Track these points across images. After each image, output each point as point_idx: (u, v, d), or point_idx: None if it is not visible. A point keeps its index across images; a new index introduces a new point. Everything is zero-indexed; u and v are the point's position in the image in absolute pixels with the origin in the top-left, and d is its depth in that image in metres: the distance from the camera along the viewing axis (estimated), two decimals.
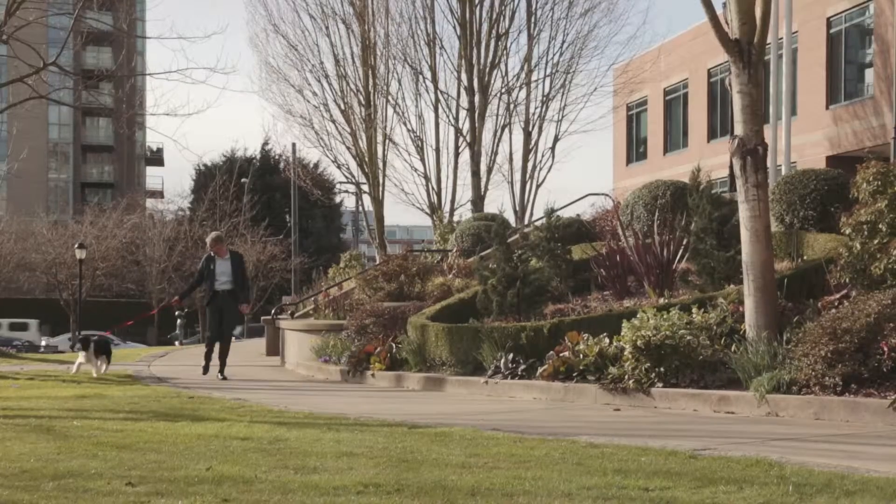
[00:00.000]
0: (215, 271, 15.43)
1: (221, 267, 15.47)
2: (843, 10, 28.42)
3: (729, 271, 12.06)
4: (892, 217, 9.40)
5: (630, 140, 41.17)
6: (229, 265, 15.50)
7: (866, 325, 8.50)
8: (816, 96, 29.19)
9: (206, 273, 15.61)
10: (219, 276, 15.41)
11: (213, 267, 15.45)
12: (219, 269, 15.45)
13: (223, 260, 15.54)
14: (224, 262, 15.52)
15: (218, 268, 15.44)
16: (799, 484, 4.81)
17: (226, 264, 15.49)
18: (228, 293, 15.34)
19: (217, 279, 15.41)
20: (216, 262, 15.48)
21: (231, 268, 15.46)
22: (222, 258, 15.55)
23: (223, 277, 15.42)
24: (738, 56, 10.15)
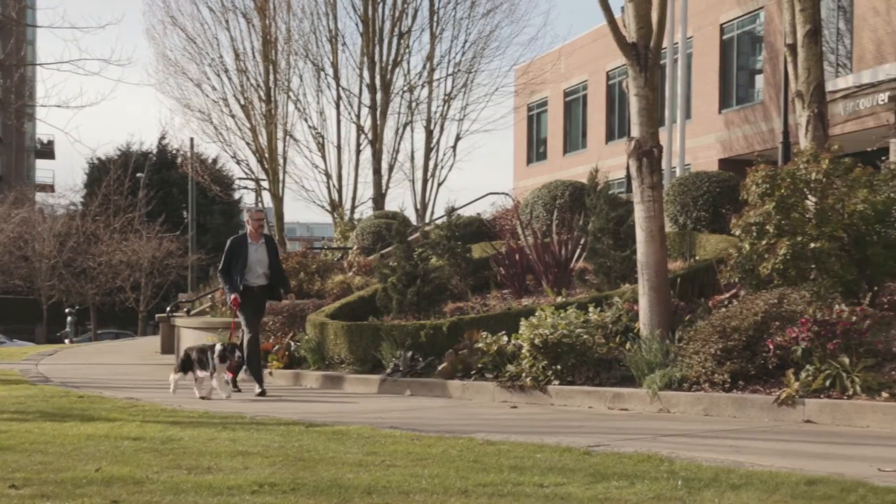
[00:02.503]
0: (249, 260, 11.96)
1: (257, 254, 12.01)
2: (735, 18, 29.24)
3: (625, 271, 12.29)
4: (780, 219, 9.69)
5: (530, 140, 41.62)
6: (265, 252, 12.07)
7: (754, 323, 8.76)
8: (710, 100, 29.98)
9: (237, 261, 11.94)
10: (253, 265, 11.96)
11: (247, 253, 11.98)
12: (254, 256, 11.98)
13: (258, 245, 12.05)
14: (259, 247, 12.05)
15: (253, 255, 11.98)
16: (688, 478, 4.93)
17: (262, 251, 12.04)
18: (263, 290, 12.08)
19: (251, 270, 11.95)
20: (249, 248, 12.01)
21: (267, 257, 12.09)
22: (257, 242, 12.07)
23: (259, 269, 12.00)
24: (635, 59, 10.34)
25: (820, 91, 11.41)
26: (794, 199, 9.81)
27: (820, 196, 9.78)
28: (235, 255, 11.96)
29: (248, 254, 11.94)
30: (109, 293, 51.17)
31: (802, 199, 9.89)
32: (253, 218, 12.21)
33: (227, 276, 11.98)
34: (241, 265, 11.91)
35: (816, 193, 9.80)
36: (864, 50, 24.19)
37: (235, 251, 11.98)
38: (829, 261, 9.59)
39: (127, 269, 50.60)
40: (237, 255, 11.95)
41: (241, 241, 12.09)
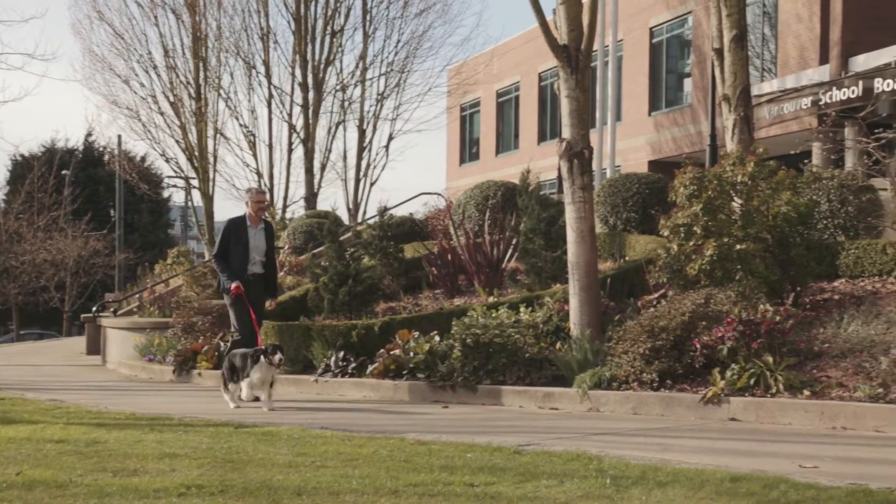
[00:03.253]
0: (250, 245, 10.77)
1: (257, 240, 10.82)
2: (664, 21, 29.68)
3: (556, 271, 12.38)
4: (707, 220, 9.85)
5: (463, 140, 41.74)
6: (264, 239, 10.92)
7: (681, 323, 8.89)
8: (640, 103, 30.38)
9: (236, 246, 10.74)
10: (253, 252, 10.78)
11: (247, 238, 10.78)
12: (253, 241, 10.78)
13: (257, 230, 10.85)
14: (259, 232, 10.86)
15: (252, 240, 10.78)
16: (616, 476, 4.99)
17: (261, 237, 10.87)
18: (259, 280, 10.84)
19: (251, 257, 10.77)
20: (250, 232, 10.81)
21: (265, 243, 10.95)
22: (256, 227, 10.87)
23: (257, 256, 10.82)
24: (566, 61, 10.42)
25: (746, 95, 11.63)
26: (721, 201, 9.99)
27: (745, 198, 9.97)
28: (234, 239, 10.70)
29: (248, 238, 10.71)
30: (33, 293, 50.04)
31: (729, 200, 10.07)
32: (254, 199, 10.89)
33: (225, 261, 10.72)
34: (241, 251, 10.67)
35: (742, 195, 9.99)
36: (788, 55, 24.73)
37: (234, 234, 10.72)
38: (754, 262, 9.78)
39: (51, 269, 49.53)
40: (236, 239, 10.69)
41: (240, 223, 10.79)
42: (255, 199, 10.92)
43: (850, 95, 21.33)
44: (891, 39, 20.54)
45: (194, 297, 17.60)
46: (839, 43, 22.86)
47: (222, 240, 10.82)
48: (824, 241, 10.83)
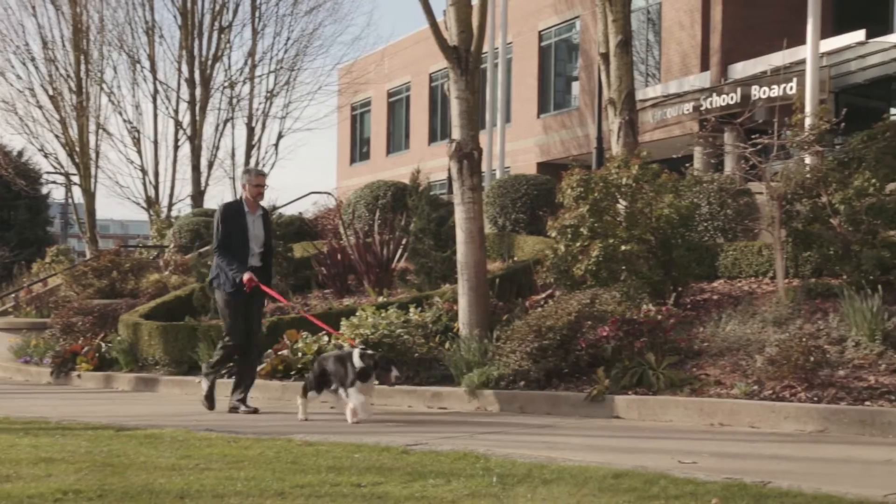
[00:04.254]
0: (249, 234, 9.35)
1: (255, 228, 9.41)
2: (552, 25, 30.14)
3: (445, 271, 12.44)
4: (593, 221, 10.04)
5: (354, 140, 41.58)
6: (262, 228, 9.49)
7: (568, 323, 9.03)
8: (529, 105, 30.77)
9: (234, 235, 9.29)
10: (252, 242, 9.36)
11: (246, 226, 9.35)
12: (252, 229, 9.38)
13: (256, 217, 9.44)
14: (257, 220, 9.44)
15: (251, 228, 9.38)
16: (503, 475, 5.03)
17: (259, 225, 9.45)
18: (258, 274, 9.30)
19: (250, 249, 9.35)
20: (248, 219, 9.38)
21: (264, 234, 9.52)
22: (255, 214, 9.45)
23: (256, 247, 9.39)
24: (456, 62, 10.48)
25: (631, 99, 11.89)
26: (607, 203, 10.19)
27: (630, 200, 10.20)
28: (231, 227, 9.29)
29: (247, 226, 9.33)
30: None
31: (614, 202, 10.28)
32: (252, 182, 9.45)
33: (229, 252, 9.24)
34: (240, 241, 9.26)
35: (627, 197, 10.21)
36: (671, 61, 25.40)
37: (231, 221, 9.29)
38: (638, 262, 10.01)
39: None
40: (234, 228, 9.28)
41: (236, 208, 9.39)
42: (253, 181, 9.46)
43: (729, 102, 22.04)
44: (766, 48, 21.29)
45: (74, 297, 17.09)
46: (719, 51, 23.60)
47: (222, 228, 9.27)
48: (704, 243, 11.16)
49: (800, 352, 7.58)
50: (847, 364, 7.87)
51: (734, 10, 23.61)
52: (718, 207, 12.03)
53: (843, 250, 9.50)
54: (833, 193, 9.64)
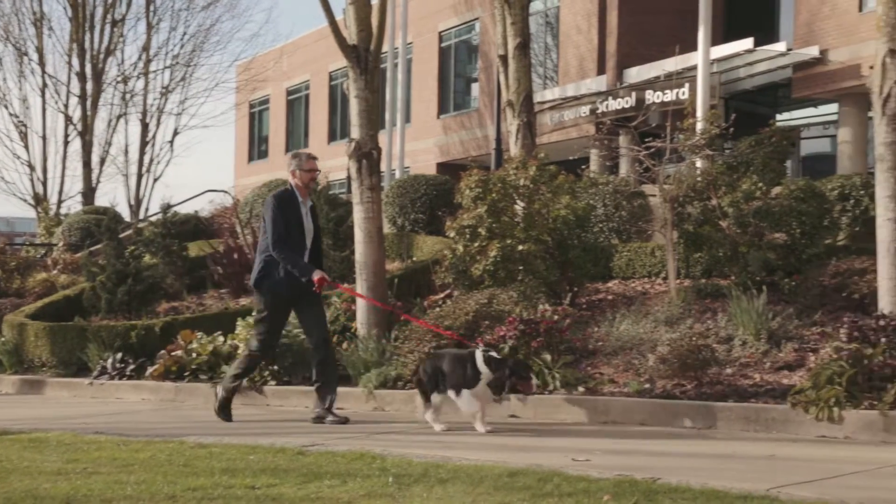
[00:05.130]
0: (304, 227, 8.29)
1: (308, 220, 8.33)
2: (452, 27, 30.28)
3: (344, 271, 12.38)
4: (491, 222, 10.11)
5: (252, 138, 41.07)
6: (312, 219, 8.41)
7: (465, 322, 9.08)
8: (429, 105, 30.85)
9: (290, 228, 8.17)
10: (306, 235, 8.30)
11: (301, 217, 8.27)
12: (306, 222, 8.31)
13: (307, 207, 8.37)
14: (308, 210, 8.36)
15: (306, 221, 8.31)
16: (399, 475, 5.03)
17: (310, 216, 8.37)
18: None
19: (305, 243, 8.28)
20: (301, 210, 8.29)
21: (313, 227, 8.41)
22: (306, 203, 8.37)
23: (308, 241, 8.32)
24: (355, 61, 10.44)
25: (529, 101, 12.02)
26: (505, 204, 10.28)
27: (528, 201, 10.31)
28: (287, 219, 8.11)
29: (301, 218, 8.23)
30: None
31: (512, 203, 10.38)
32: (304, 168, 8.29)
33: (289, 249, 8.10)
34: (296, 234, 8.15)
35: (524, 198, 10.32)
36: (568, 65, 25.79)
37: (287, 212, 8.12)
38: (535, 262, 10.12)
39: None
40: (290, 220, 8.13)
41: (290, 198, 8.22)
42: (305, 166, 8.32)
43: (624, 105, 22.48)
44: (660, 54, 21.78)
45: None
46: (615, 55, 24.05)
47: (280, 220, 8.07)
48: (600, 244, 11.35)
49: (690, 351, 7.78)
50: (734, 362, 8.11)
51: (629, 15, 24.09)
52: (613, 209, 12.28)
53: (731, 252, 9.78)
54: (722, 196, 9.91)
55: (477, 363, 7.05)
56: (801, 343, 8.26)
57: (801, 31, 20.57)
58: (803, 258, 9.64)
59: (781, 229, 9.73)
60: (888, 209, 7.87)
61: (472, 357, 7.12)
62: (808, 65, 20.24)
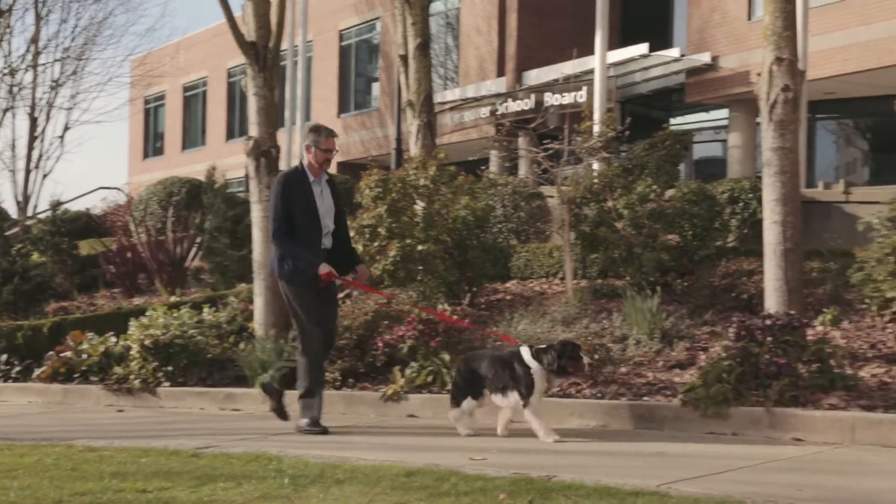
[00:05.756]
0: (318, 208, 7.34)
1: (324, 200, 7.39)
2: (353, 25, 30.16)
3: (242, 270, 12.23)
4: (391, 222, 10.10)
5: (147, 134, 40.18)
6: (331, 198, 7.46)
7: (364, 322, 9.06)
8: (329, 104, 30.67)
9: (301, 212, 7.25)
10: (323, 217, 7.35)
11: (313, 199, 7.32)
12: (321, 203, 7.36)
13: (323, 185, 7.42)
14: (325, 189, 7.42)
15: (319, 201, 7.35)
16: (295, 476, 4.99)
17: (328, 195, 7.42)
18: (334, 256, 7.43)
19: (323, 226, 7.35)
20: (314, 190, 7.36)
21: (334, 205, 7.48)
22: (321, 181, 7.42)
23: (328, 222, 7.40)
24: (254, 59, 10.31)
25: (429, 102, 12.05)
26: (404, 204, 10.28)
27: (428, 201, 10.33)
28: (293, 202, 7.23)
29: (314, 199, 7.31)
30: None
31: (412, 203, 10.39)
32: (321, 146, 7.35)
33: (291, 239, 7.22)
34: (309, 218, 7.23)
35: (424, 198, 10.34)
36: (469, 66, 25.95)
37: (293, 195, 7.23)
38: (435, 263, 10.15)
39: None
40: (300, 203, 7.23)
41: (299, 178, 7.31)
42: (323, 144, 7.37)
43: (524, 107, 22.72)
44: (558, 57, 22.10)
45: None
46: (514, 57, 24.29)
47: (281, 206, 7.19)
48: (499, 245, 11.45)
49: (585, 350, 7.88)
50: (628, 361, 8.27)
51: (528, 18, 24.36)
52: (512, 210, 12.40)
53: (626, 253, 9.97)
54: (618, 198, 10.10)
55: (525, 360, 6.55)
56: (693, 342, 8.47)
57: (694, 37, 21.12)
58: (695, 259, 9.89)
59: (674, 231, 9.96)
60: (774, 212, 8.14)
61: (518, 355, 6.61)
62: (700, 71, 20.79)
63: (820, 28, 17.65)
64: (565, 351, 6.48)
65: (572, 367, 6.50)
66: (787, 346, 7.01)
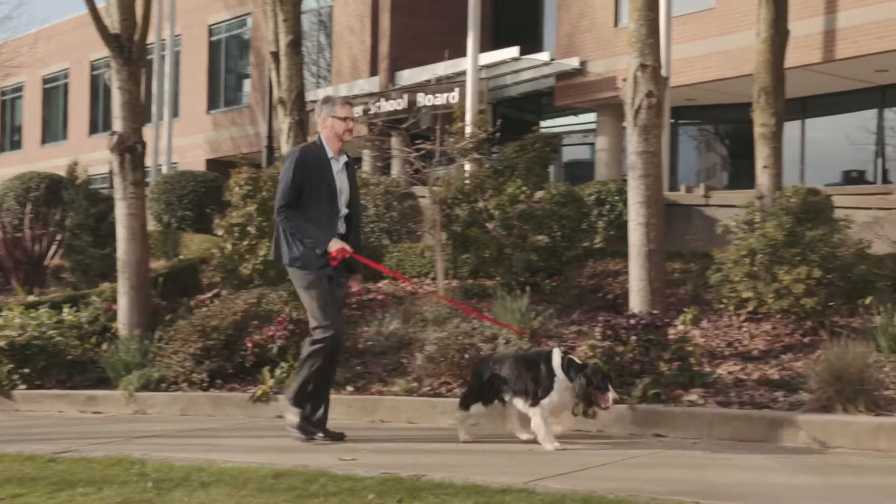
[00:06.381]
0: (335, 188, 6.65)
1: (341, 181, 6.69)
2: (223, 20, 29.63)
3: (105, 269, 11.89)
4: (261, 220, 9.98)
5: (4, 127, 38.58)
6: (347, 179, 6.77)
7: (233, 322, 8.91)
8: (198, 100, 30.05)
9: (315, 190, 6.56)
10: (339, 198, 6.67)
11: (332, 178, 6.64)
12: (338, 182, 6.67)
13: (340, 164, 6.72)
14: (342, 168, 6.73)
15: (337, 181, 6.66)
16: (159, 480, 4.86)
17: (344, 176, 6.73)
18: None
19: (338, 208, 6.66)
20: (333, 167, 6.66)
21: (349, 187, 6.77)
22: (339, 159, 6.73)
23: (342, 206, 6.70)
24: (118, 52, 10.03)
25: (301, 100, 11.94)
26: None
27: None
28: (309, 178, 6.55)
29: (332, 178, 6.63)
30: None
31: None
32: (339, 115, 6.68)
33: (299, 215, 6.50)
34: (325, 198, 6.55)
35: None
36: (342, 65, 25.82)
37: (309, 171, 6.55)
38: None
39: None
40: (315, 180, 6.55)
41: (317, 154, 6.64)
42: (340, 112, 6.70)
43: (397, 107, 22.74)
44: (431, 58, 22.22)
45: None
46: (387, 57, 24.30)
47: (293, 180, 6.50)
48: (371, 244, 11.43)
49: (455, 349, 7.95)
50: None
51: (401, 18, 24.41)
52: (385, 209, 12.41)
53: (497, 253, 10.10)
54: (489, 199, 10.22)
55: (553, 366, 6.08)
56: (561, 341, 8.62)
57: (563, 42, 21.54)
58: (563, 260, 10.08)
59: (543, 232, 10.14)
60: (639, 214, 8.38)
61: (548, 359, 6.13)
62: (569, 75, 21.21)
63: (682, 37, 18.29)
64: (593, 377, 6.02)
65: (595, 395, 6.04)
66: (650, 344, 7.24)
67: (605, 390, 5.99)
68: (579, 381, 5.98)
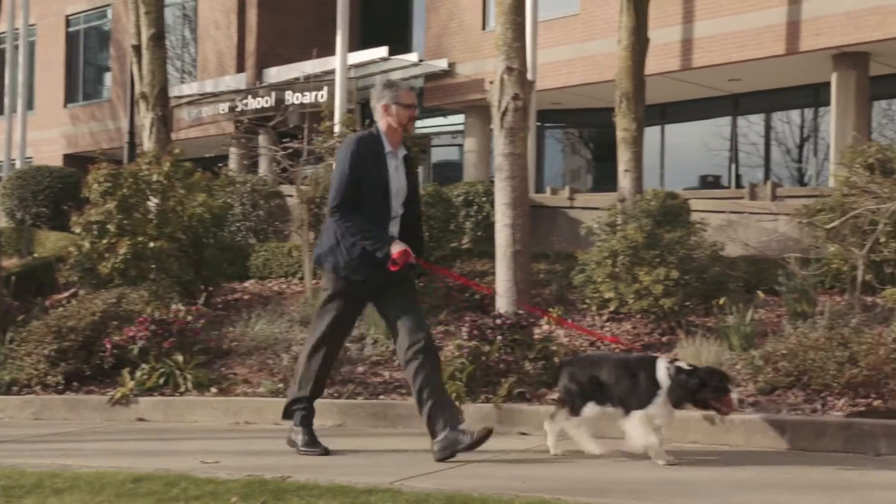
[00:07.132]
0: (391, 187, 5.94)
1: (398, 178, 5.99)
2: (81, 11, 28.67)
3: None
4: (121, 218, 9.70)
5: None
6: (405, 177, 6.05)
7: (91, 323, 8.65)
8: (55, 93, 28.99)
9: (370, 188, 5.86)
10: (395, 199, 5.97)
11: (387, 175, 5.92)
12: (395, 180, 5.96)
13: (399, 160, 6.03)
14: (399, 164, 6.02)
15: (394, 178, 5.95)
16: (8, 487, 4.66)
17: (402, 173, 6.02)
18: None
19: (392, 208, 5.96)
20: (390, 163, 5.96)
21: (406, 185, 6.06)
22: (397, 154, 6.02)
23: (398, 206, 5.99)
24: None
25: (164, 95, 11.67)
26: (137, 200, 9.93)
27: (162, 198, 10.01)
28: (366, 174, 5.85)
29: (388, 175, 5.94)
30: None
31: (145, 199, 10.04)
32: (402, 102, 6.00)
33: (357, 215, 5.82)
34: (380, 196, 5.88)
35: (158, 195, 10.01)
36: (207, 60, 25.32)
37: (365, 164, 5.86)
38: (169, 261, 9.85)
39: None
40: (371, 177, 5.86)
41: (374, 145, 5.94)
42: (405, 98, 6.03)
43: (264, 105, 22.45)
44: (299, 56, 22.03)
45: None
46: (254, 54, 23.96)
47: (351, 176, 5.81)
48: (237, 243, 11.26)
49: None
50: (365, 360, 8.35)
51: (268, 15, 24.11)
52: (251, 208, 12.22)
53: None
54: None
55: (657, 374, 5.48)
56: None
57: (432, 43, 21.68)
58: (431, 260, 10.13)
59: None
60: (505, 215, 8.50)
61: (652, 366, 5.55)
62: (438, 76, 21.36)
63: (548, 41, 18.64)
64: (711, 379, 5.45)
65: (716, 400, 5.42)
66: (516, 344, 7.36)
67: (726, 392, 5.42)
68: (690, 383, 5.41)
